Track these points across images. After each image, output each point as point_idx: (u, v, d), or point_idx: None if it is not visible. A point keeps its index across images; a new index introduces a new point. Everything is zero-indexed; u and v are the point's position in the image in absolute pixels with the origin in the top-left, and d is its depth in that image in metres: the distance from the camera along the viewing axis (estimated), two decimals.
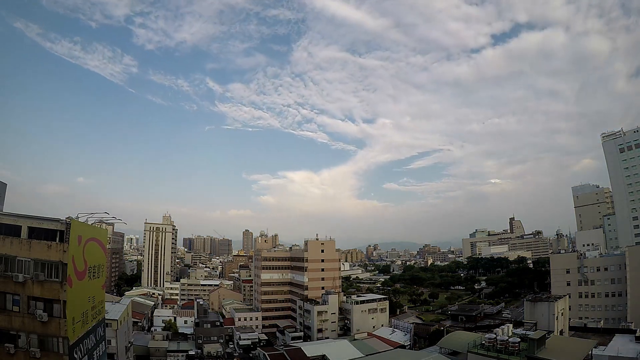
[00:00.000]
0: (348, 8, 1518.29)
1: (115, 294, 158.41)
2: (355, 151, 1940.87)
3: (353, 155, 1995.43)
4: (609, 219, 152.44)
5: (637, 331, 62.11)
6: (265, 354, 70.99)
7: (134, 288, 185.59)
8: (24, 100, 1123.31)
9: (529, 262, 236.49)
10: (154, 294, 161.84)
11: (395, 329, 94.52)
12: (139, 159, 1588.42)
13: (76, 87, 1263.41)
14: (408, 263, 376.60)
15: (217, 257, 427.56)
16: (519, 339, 45.53)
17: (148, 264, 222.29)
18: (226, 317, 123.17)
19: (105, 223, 71.02)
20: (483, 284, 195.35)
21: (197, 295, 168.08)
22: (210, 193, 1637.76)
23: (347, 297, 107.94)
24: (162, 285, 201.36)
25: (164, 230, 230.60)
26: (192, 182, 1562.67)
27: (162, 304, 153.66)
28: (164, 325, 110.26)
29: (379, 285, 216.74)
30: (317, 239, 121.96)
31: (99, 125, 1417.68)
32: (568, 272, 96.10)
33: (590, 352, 47.39)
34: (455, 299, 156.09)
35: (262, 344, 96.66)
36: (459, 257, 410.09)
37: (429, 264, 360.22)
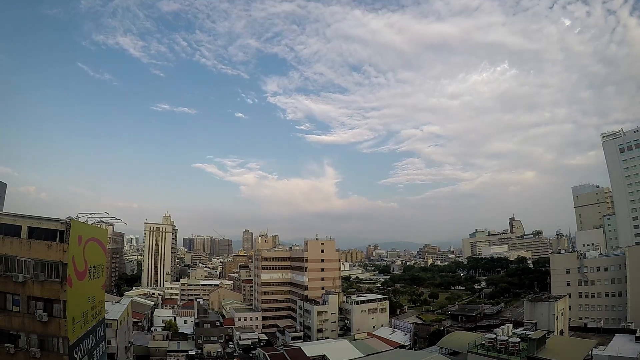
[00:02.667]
0: None
1: (115, 294, 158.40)
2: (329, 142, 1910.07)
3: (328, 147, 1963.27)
4: (609, 219, 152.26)
5: (637, 331, 62.15)
6: (265, 354, 70.92)
7: (134, 288, 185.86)
8: (21, 101, 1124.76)
9: (529, 262, 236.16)
10: (154, 294, 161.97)
11: (395, 329, 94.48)
12: (139, 158, 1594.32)
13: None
14: (408, 263, 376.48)
15: (217, 257, 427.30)
16: (519, 339, 45.45)
17: (148, 264, 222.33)
18: (226, 317, 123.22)
19: (105, 223, 70.87)
20: (483, 284, 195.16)
21: (197, 295, 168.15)
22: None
23: (347, 297, 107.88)
24: (162, 285, 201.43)
25: (164, 230, 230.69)
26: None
27: (162, 304, 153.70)
28: (164, 325, 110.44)
29: (379, 285, 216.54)
30: (317, 239, 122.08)
31: (95, 123, 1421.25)
32: (568, 272, 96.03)
33: (590, 352, 47.32)
34: (455, 299, 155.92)
35: (262, 344, 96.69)
36: (459, 257, 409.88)
37: (429, 264, 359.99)
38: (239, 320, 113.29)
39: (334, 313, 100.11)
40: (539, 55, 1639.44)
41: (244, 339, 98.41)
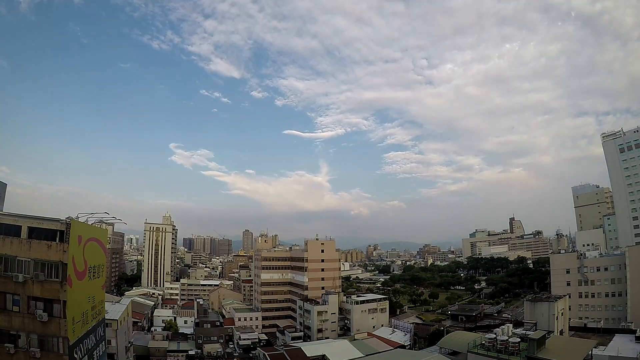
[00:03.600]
0: None
1: (115, 294, 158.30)
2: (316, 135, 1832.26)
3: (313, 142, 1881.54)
4: (609, 219, 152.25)
5: (637, 331, 62.18)
6: (265, 354, 70.96)
7: (134, 288, 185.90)
8: (21, 101, 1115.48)
9: (529, 262, 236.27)
10: (154, 294, 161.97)
11: (395, 329, 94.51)
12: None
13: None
14: (408, 263, 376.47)
15: (217, 257, 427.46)
16: (519, 339, 45.45)
17: (148, 264, 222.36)
18: (226, 317, 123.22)
19: (105, 223, 70.86)
20: (483, 284, 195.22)
21: (197, 295, 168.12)
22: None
23: (347, 297, 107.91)
24: (162, 285, 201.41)
25: (164, 230, 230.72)
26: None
27: (162, 304, 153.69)
28: (164, 325, 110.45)
29: (379, 285, 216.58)
30: (317, 239, 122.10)
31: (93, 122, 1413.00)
32: (568, 272, 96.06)
33: (590, 352, 47.33)
34: (455, 299, 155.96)
35: (262, 344, 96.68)
36: (459, 257, 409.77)
37: (429, 264, 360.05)
38: (239, 320, 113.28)
39: (334, 313, 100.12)
40: (543, 28, 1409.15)
41: (244, 339, 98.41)
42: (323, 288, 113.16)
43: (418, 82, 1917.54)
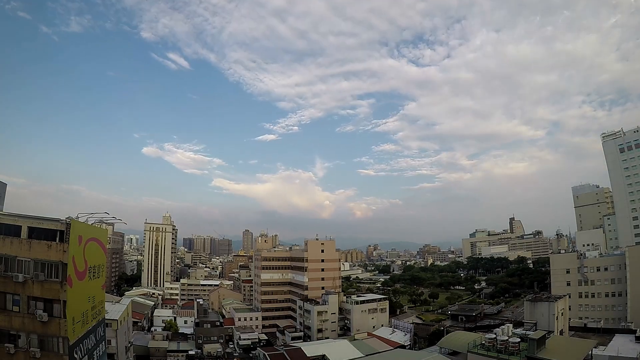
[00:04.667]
0: None
1: (115, 294, 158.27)
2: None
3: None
4: (609, 219, 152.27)
5: (637, 331, 62.17)
6: (265, 354, 70.95)
7: (134, 288, 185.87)
8: (20, 102, 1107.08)
9: (529, 262, 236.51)
10: (154, 294, 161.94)
11: (395, 329, 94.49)
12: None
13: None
14: (408, 263, 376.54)
15: (217, 257, 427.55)
16: (519, 339, 45.44)
17: (148, 264, 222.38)
18: (226, 317, 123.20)
19: (105, 223, 70.84)
20: (483, 284, 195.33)
21: (197, 295, 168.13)
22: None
23: (347, 297, 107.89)
24: (162, 285, 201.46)
25: (164, 230, 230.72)
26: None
27: (162, 304, 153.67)
28: (164, 325, 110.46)
29: (379, 285, 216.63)
30: (317, 239, 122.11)
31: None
32: (568, 272, 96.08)
33: (590, 352, 47.35)
34: (455, 299, 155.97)
35: (262, 344, 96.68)
36: (459, 257, 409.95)
37: (429, 264, 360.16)
38: (239, 320, 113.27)
39: (334, 313, 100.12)
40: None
41: (244, 339, 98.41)
42: (323, 288, 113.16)
43: (399, 60, 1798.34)
